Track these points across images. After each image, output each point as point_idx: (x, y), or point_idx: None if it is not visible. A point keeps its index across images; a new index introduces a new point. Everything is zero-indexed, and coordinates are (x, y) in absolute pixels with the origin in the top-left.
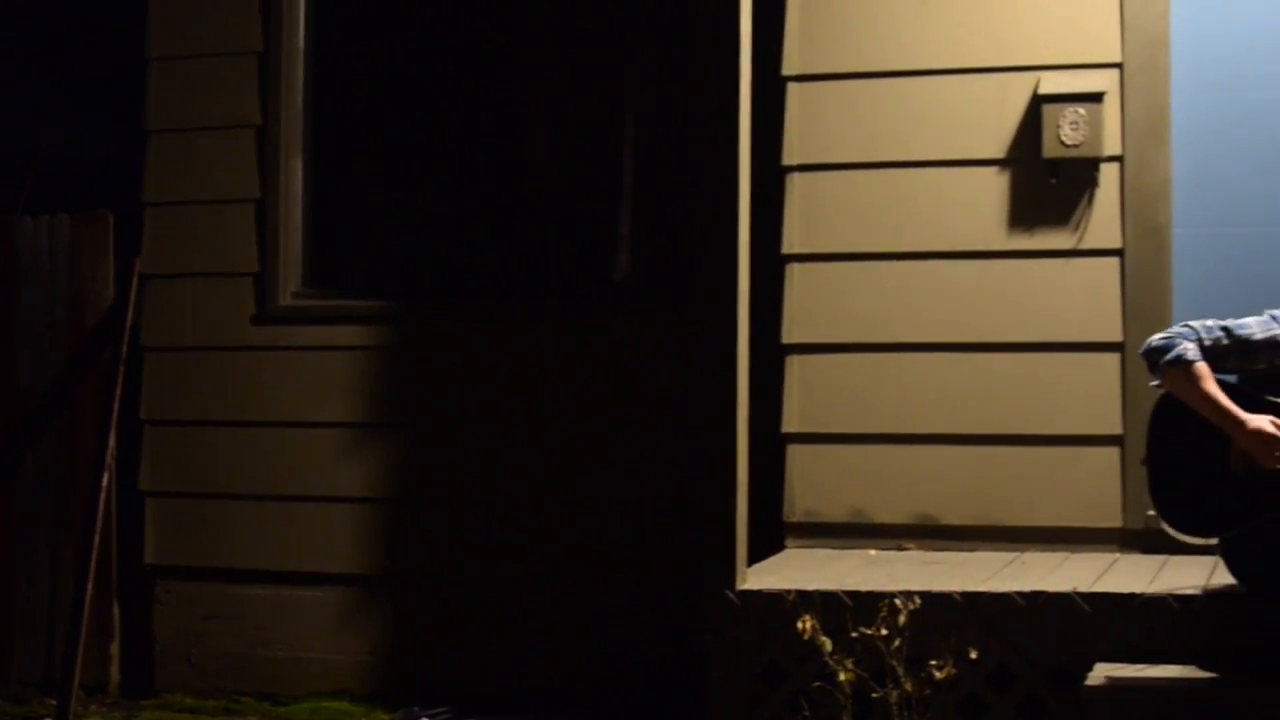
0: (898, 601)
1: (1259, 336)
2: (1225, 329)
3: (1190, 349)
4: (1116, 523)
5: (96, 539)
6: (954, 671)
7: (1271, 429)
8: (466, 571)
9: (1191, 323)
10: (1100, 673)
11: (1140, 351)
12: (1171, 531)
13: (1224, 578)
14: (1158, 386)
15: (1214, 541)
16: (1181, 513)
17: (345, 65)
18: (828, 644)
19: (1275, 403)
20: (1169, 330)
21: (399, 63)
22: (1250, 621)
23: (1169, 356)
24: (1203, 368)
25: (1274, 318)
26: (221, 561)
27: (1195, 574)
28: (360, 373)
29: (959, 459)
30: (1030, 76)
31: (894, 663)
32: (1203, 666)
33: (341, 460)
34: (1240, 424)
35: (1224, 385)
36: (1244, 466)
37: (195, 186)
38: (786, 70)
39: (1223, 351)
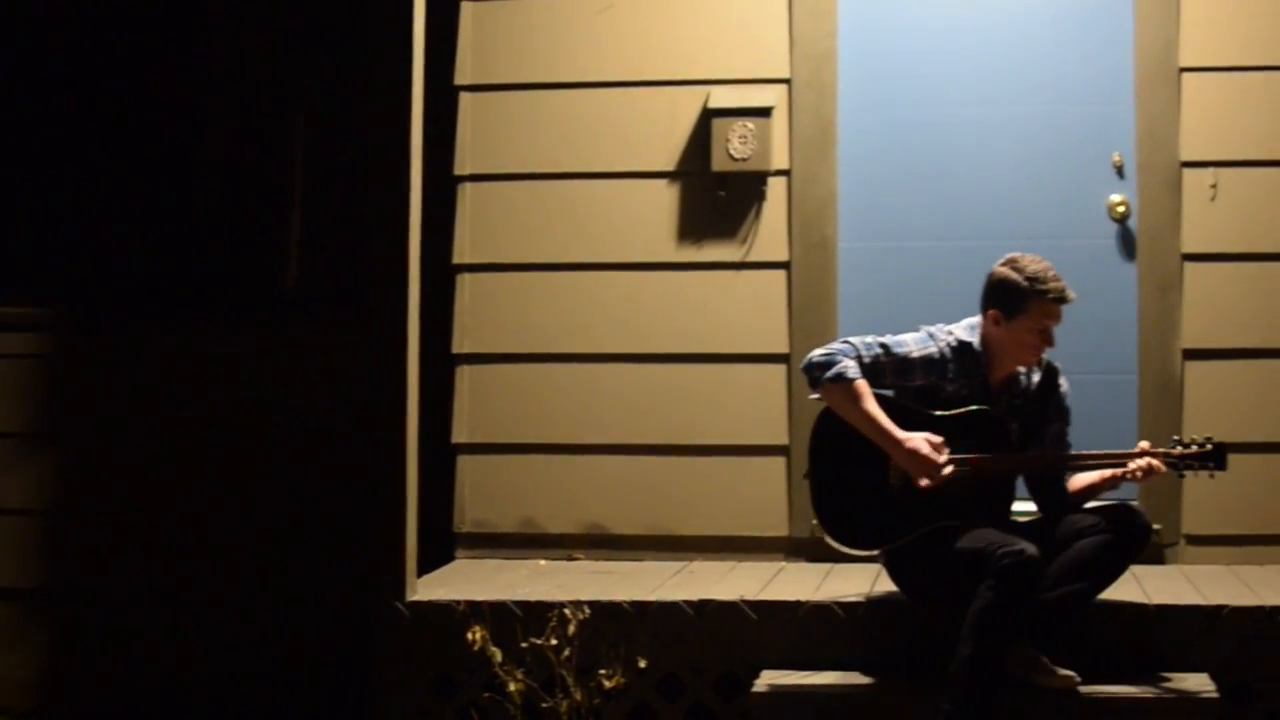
0: (567, 611)
1: (915, 354)
2: (884, 346)
3: (851, 366)
4: (783, 531)
5: None
6: (623, 680)
7: (927, 448)
8: (135, 583)
9: (851, 339)
10: (766, 680)
11: (801, 366)
12: (834, 544)
13: (887, 585)
14: (817, 399)
15: (876, 552)
16: (843, 527)
17: (3, 60)
18: (498, 654)
19: (935, 416)
20: (829, 346)
21: (64, 61)
22: (909, 627)
23: (830, 373)
24: (862, 385)
25: (931, 335)
26: None
27: (859, 582)
28: (20, 381)
29: (629, 469)
30: (701, 90)
31: (564, 672)
32: (865, 671)
33: (1, 471)
34: (897, 442)
35: (885, 401)
36: (901, 481)
37: None
38: (459, 80)
39: (881, 368)
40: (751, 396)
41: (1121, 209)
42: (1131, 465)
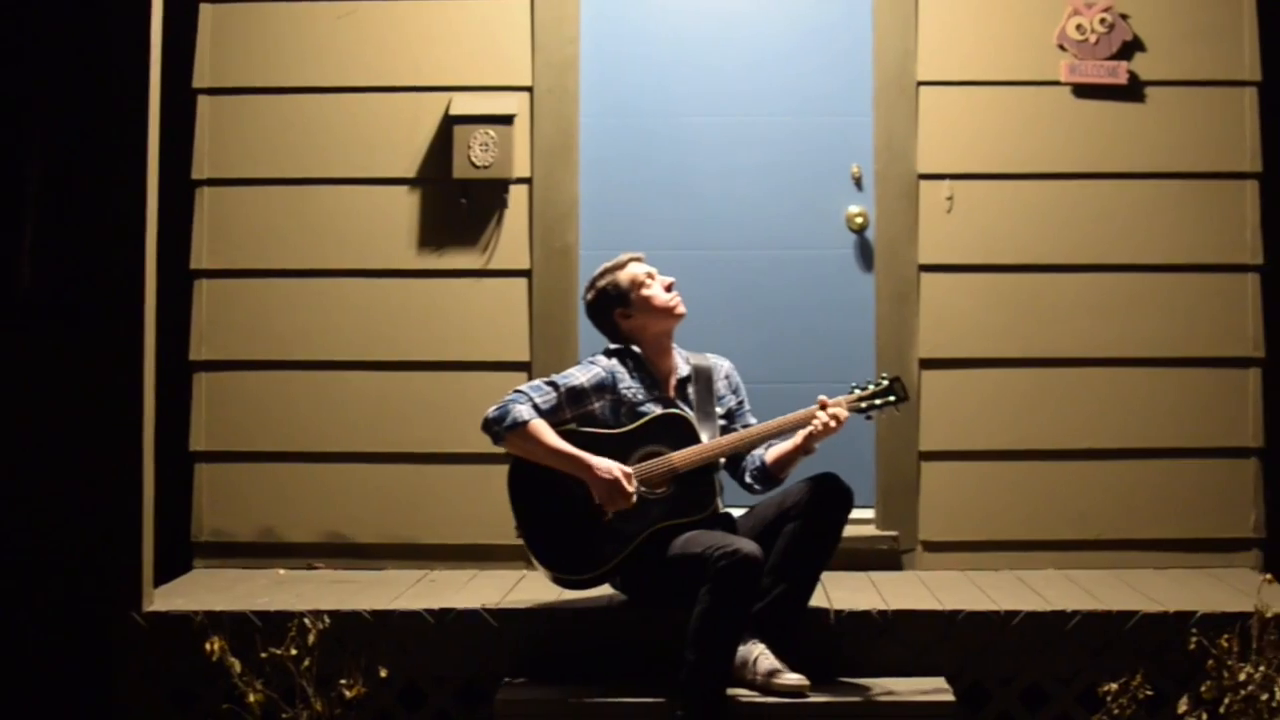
0: (307, 621)
1: (584, 381)
2: (552, 383)
3: (524, 410)
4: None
5: None
6: (364, 690)
7: (617, 471)
8: None
9: (521, 387)
10: (509, 688)
11: (480, 428)
12: (565, 581)
13: None
14: (508, 455)
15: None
16: (566, 562)
17: None
18: (237, 665)
19: (620, 434)
20: (501, 400)
21: None
22: (650, 631)
23: (507, 422)
24: (540, 424)
25: (592, 361)
26: None
27: (601, 588)
28: None
29: (371, 477)
30: (443, 97)
31: (304, 683)
32: (607, 677)
33: None
34: (588, 466)
35: (570, 434)
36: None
37: None
38: (198, 83)
39: (557, 404)
40: (492, 404)
41: (860, 220)
42: (815, 421)
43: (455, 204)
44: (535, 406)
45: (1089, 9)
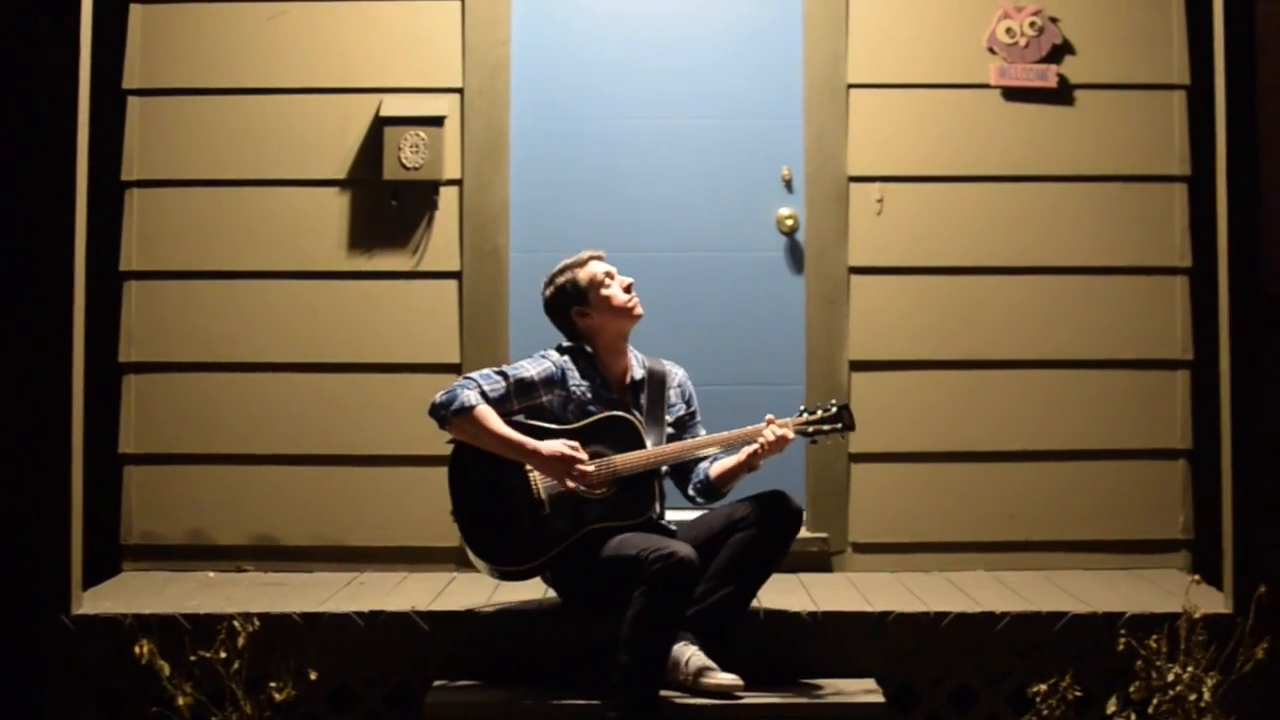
0: (237, 624)
1: (534, 373)
2: (502, 373)
3: (471, 396)
4: (454, 542)
5: None
6: (294, 693)
7: (567, 450)
8: None
9: (471, 375)
10: (439, 690)
11: (427, 412)
12: (495, 571)
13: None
14: (452, 442)
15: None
16: (499, 553)
17: None
18: (166, 668)
19: (566, 430)
20: (450, 386)
21: None
22: (581, 634)
23: (454, 407)
24: (486, 410)
25: (544, 355)
26: None
27: (531, 590)
28: None
29: (300, 479)
30: (373, 98)
31: (234, 685)
32: (538, 679)
33: None
34: (535, 452)
35: (517, 425)
36: (548, 495)
37: None
38: (128, 83)
39: (504, 394)
40: (423, 407)
41: (790, 222)
42: (760, 439)
43: (386, 205)
44: (483, 393)
45: (1019, 12)
